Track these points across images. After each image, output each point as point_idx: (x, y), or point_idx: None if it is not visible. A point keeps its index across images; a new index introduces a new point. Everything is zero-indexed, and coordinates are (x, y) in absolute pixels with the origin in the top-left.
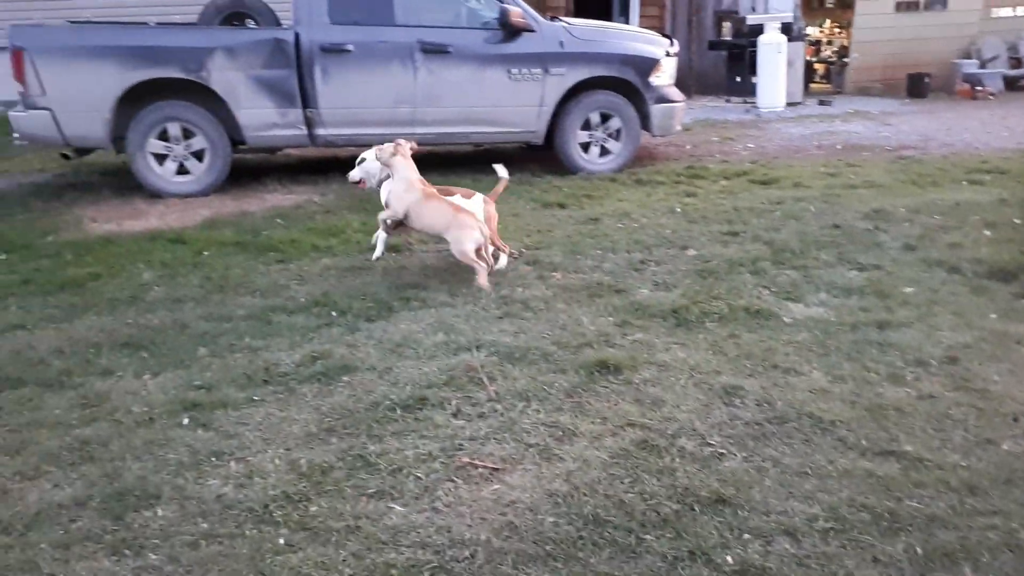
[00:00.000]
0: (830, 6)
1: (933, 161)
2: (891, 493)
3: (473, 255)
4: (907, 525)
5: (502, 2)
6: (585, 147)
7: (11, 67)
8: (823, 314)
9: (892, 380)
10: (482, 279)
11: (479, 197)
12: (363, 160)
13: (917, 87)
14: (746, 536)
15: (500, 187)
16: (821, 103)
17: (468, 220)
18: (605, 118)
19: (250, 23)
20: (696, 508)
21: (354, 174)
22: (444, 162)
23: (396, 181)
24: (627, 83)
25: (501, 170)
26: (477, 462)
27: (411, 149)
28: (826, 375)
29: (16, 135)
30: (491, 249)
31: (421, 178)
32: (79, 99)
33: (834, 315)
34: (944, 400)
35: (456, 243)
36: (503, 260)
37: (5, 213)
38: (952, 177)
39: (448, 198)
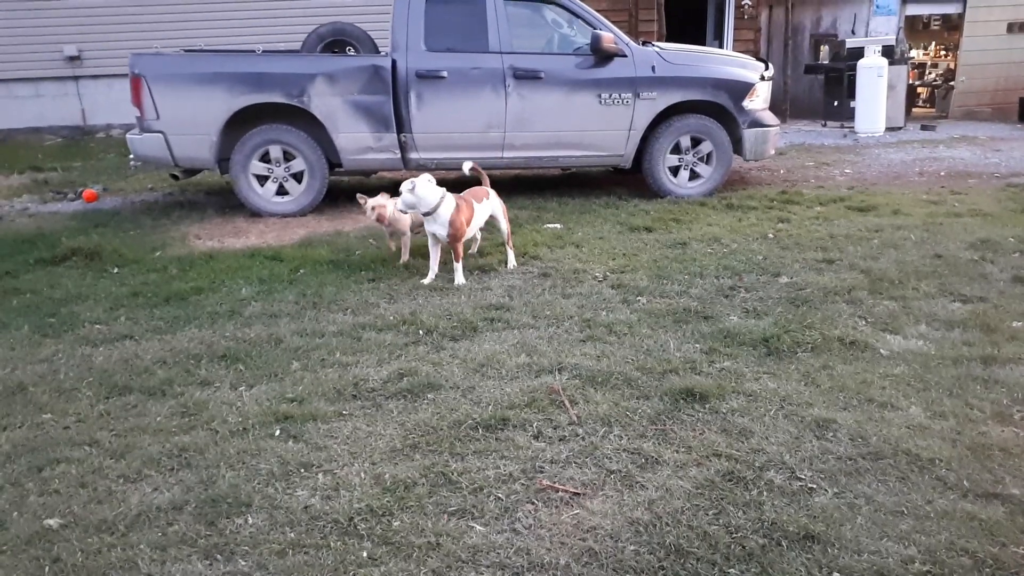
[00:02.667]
0: (936, 28)
1: None
2: (995, 538)
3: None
4: (1012, 573)
5: (594, 28)
6: (674, 171)
7: (130, 92)
8: (923, 347)
9: (997, 418)
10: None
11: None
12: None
13: None
14: (835, 575)
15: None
16: (924, 128)
17: None
18: (696, 142)
19: (350, 50)
20: (783, 543)
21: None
22: (532, 185)
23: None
24: (720, 107)
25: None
26: (558, 486)
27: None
28: (925, 411)
29: (132, 156)
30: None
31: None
32: (190, 123)
33: (935, 348)
34: None
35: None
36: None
37: (119, 229)
38: None
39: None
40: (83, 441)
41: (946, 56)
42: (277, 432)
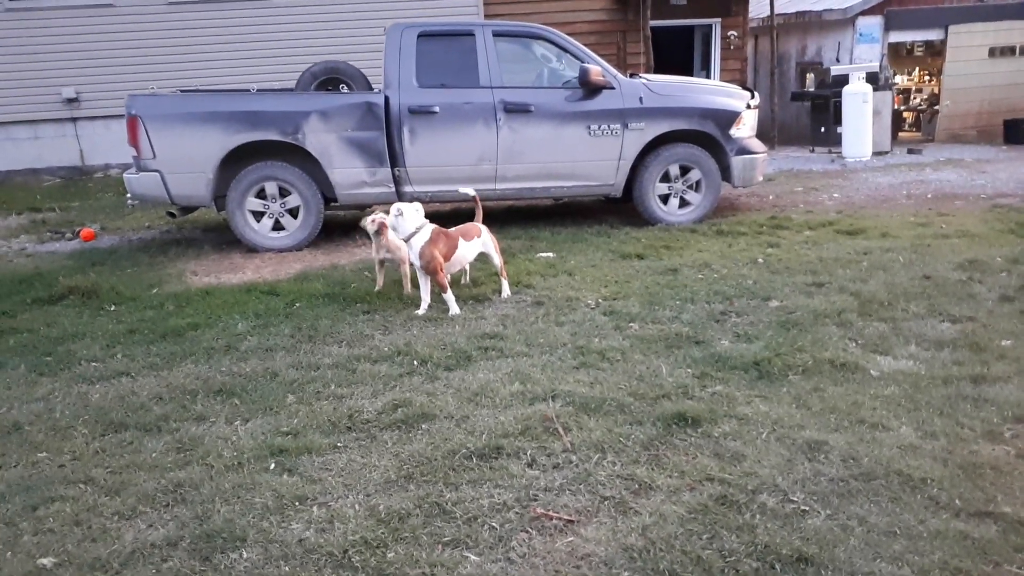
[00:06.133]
0: (919, 54)
1: None
2: (988, 557)
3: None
4: None
5: (582, 62)
6: (664, 199)
7: (127, 133)
8: (913, 367)
9: (988, 437)
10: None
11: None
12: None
13: (1015, 133)
14: None
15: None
16: (910, 152)
17: None
18: (685, 170)
19: (343, 88)
20: (777, 566)
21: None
22: (525, 215)
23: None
24: (707, 135)
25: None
26: (551, 513)
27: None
28: (916, 431)
29: (129, 195)
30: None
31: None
32: (186, 161)
33: (924, 368)
34: None
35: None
36: None
37: (116, 268)
38: None
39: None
40: (78, 479)
41: (930, 81)
42: (272, 466)
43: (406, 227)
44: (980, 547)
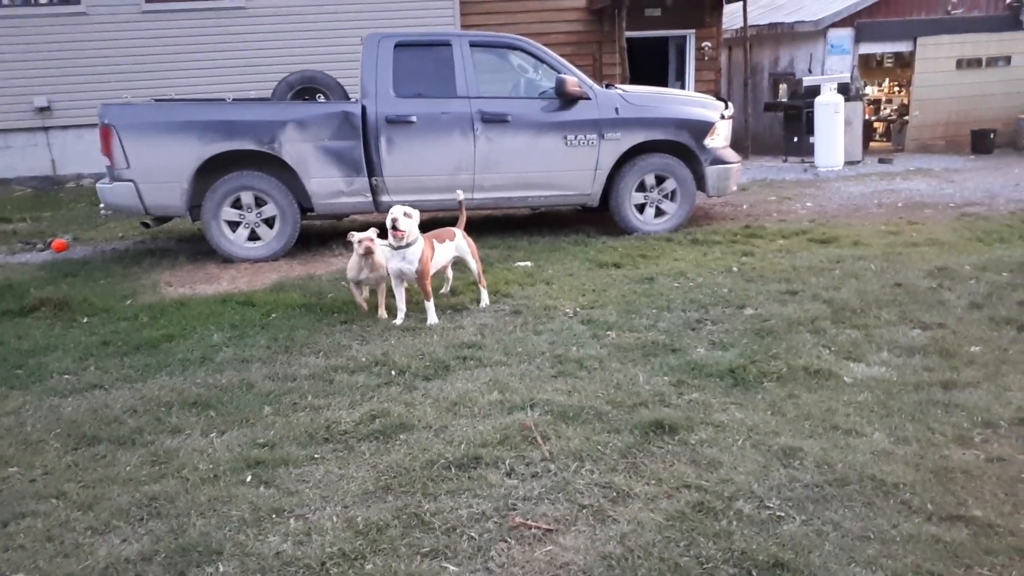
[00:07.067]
0: (889, 65)
1: (1000, 217)
2: (959, 560)
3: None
4: None
5: (559, 72)
6: (640, 208)
7: (100, 142)
8: (885, 374)
9: (959, 442)
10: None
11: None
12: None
13: (982, 143)
14: None
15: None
16: (881, 161)
17: None
18: (660, 180)
19: (320, 97)
20: (753, 572)
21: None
22: (502, 224)
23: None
24: (682, 146)
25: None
26: (530, 523)
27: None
28: (889, 436)
29: (102, 205)
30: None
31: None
32: (160, 171)
33: (896, 375)
34: (1015, 463)
35: None
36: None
37: (89, 279)
38: (1020, 233)
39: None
40: (50, 494)
41: (900, 92)
42: (248, 478)
43: (414, 232)
44: (952, 550)
